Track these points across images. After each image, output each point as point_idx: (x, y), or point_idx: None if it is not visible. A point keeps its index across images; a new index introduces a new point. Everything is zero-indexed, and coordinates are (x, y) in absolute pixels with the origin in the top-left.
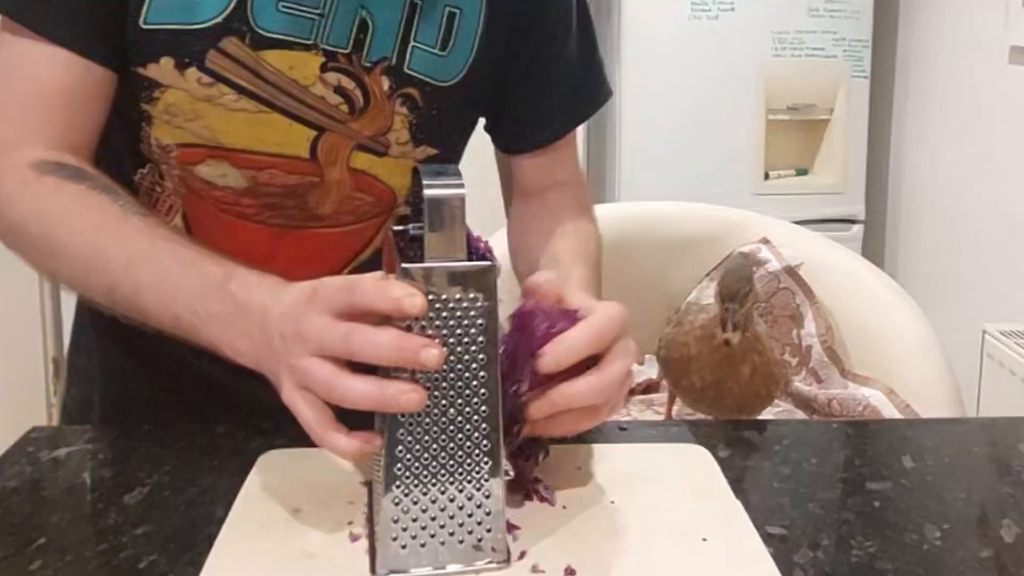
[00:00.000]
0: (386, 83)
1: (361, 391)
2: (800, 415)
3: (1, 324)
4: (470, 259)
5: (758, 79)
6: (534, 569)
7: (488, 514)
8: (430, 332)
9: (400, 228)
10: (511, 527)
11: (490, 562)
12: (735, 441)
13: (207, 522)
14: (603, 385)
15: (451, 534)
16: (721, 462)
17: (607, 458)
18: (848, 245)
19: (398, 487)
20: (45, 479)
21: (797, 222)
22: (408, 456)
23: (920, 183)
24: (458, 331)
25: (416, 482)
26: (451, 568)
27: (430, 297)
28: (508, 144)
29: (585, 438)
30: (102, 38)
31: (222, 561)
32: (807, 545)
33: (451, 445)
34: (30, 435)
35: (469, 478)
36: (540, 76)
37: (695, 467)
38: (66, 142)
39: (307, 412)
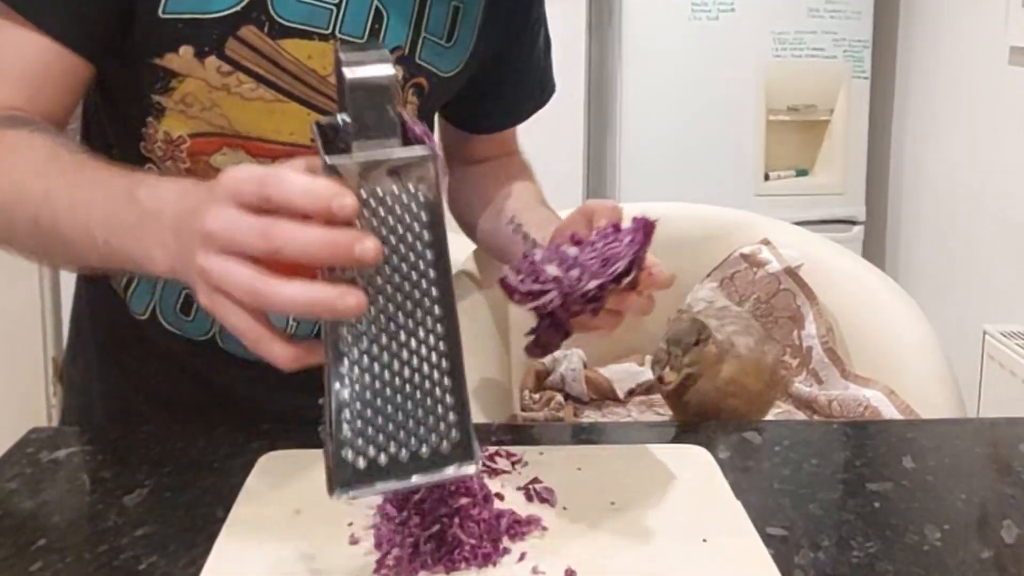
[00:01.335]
0: (400, 73)
1: (291, 295)
2: (800, 416)
3: (1, 324)
4: (406, 146)
5: (758, 80)
6: (534, 571)
7: (455, 417)
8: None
9: (326, 121)
10: (517, 527)
11: (459, 467)
12: (735, 442)
13: (207, 523)
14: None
15: (413, 445)
16: (721, 463)
17: (607, 459)
18: (848, 246)
19: (348, 403)
20: (45, 480)
21: (797, 223)
22: (355, 370)
23: (920, 184)
24: (399, 229)
25: (369, 395)
26: (416, 479)
27: (363, 194)
28: (473, 126)
29: (585, 439)
30: (85, 29)
31: (222, 563)
32: (808, 546)
33: (403, 353)
34: (30, 436)
35: (427, 385)
36: (519, 70)
37: (695, 468)
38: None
39: (235, 318)
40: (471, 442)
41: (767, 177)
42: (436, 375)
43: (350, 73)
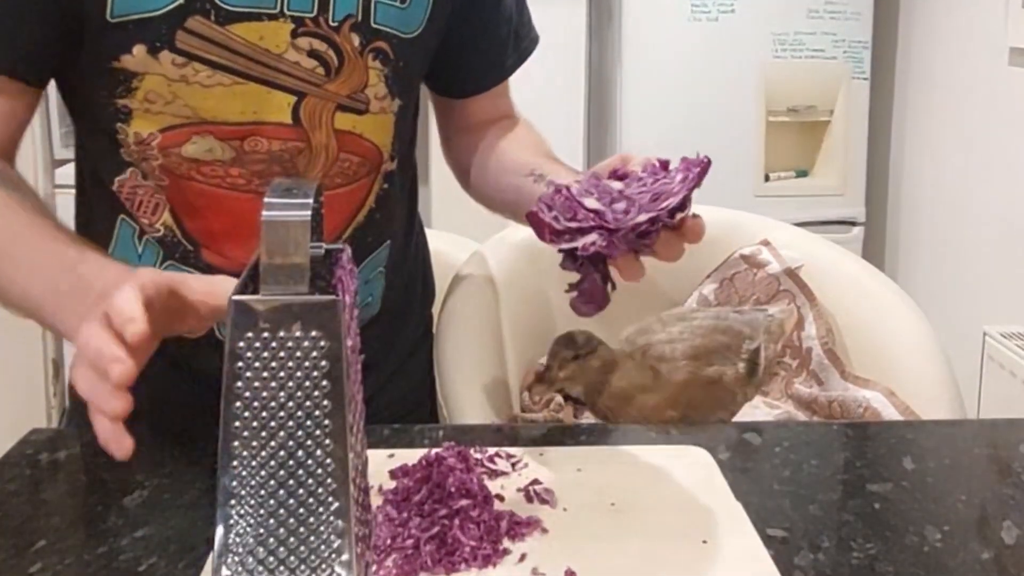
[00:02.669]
0: (356, 39)
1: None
2: (800, 417)
3: (1, 324)
4: (317, 291)
5: (758, 81)
6: (534, 572)
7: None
8: (265, 375)
9: None
10: (517, 528)
11: None
12: (735, 443)
13: (207, 525)
14: None
15: None
16: (721, 464)
17: (607, 460)
18: (848, 247)
19: (231, 548)
20: (45, 481)
21: (797, 224)
22: (241, 517)
23: (920, 185)
24: (298, 374)
25: (252, 543)
26: None
27: (266, 335)
28: (460, 89)
29: (585, 440)
30: (23, 54)
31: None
32: (807, 547)
33: (291, 503)
34: (30, 437)
35: (312, 540)
36: (488, 22)
37: (695, 469)
38: None
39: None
40: None
41: (767, 178)
42: (323, 529)
43: (265, 213)
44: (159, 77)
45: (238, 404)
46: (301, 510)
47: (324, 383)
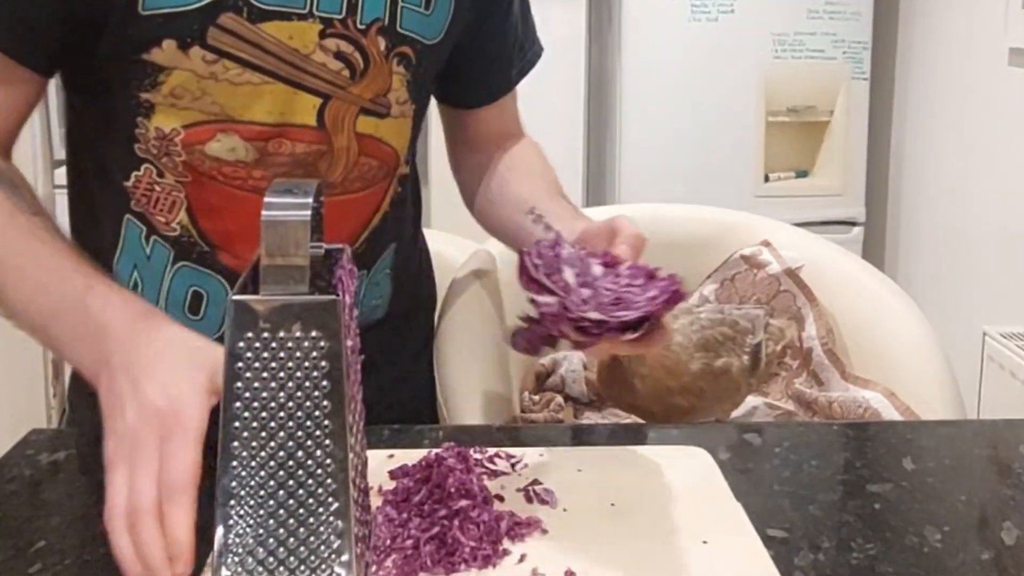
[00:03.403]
0: (382, 43)
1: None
2: (801, 417)
3: (1, 325)
4: (317, 291)
5: (758, 81)
6: (534, 572)
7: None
8: (265, 375)
9: None
10: (516, 529)
11: None
12: (735, 443)
13: (207, 525)
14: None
15: None
16: (721, 464)
17: (607, 460)
18: (848, 247)
19: (231, 548)
20: (44, 482)
21: (797, 224)
22: (241, 516)
23: (920, 185)
24: (298, 374)
25: (252, 543)
26: None
27: (266, 335)
28: (466, 99)
29: (585, 440)
30: (35, 41)
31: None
32: (807, 547)
33: (291, 503)
34: (30, 437)
35: (312, 540)
36: (496, 32)
37: (695, 469)
38: None
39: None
40: None
41: (767, 178)
42: (322, 529)
43: (265, 213)
44: (188, 73)
45: (238, 404)
46: (301, 510)
47: (324, 383)
